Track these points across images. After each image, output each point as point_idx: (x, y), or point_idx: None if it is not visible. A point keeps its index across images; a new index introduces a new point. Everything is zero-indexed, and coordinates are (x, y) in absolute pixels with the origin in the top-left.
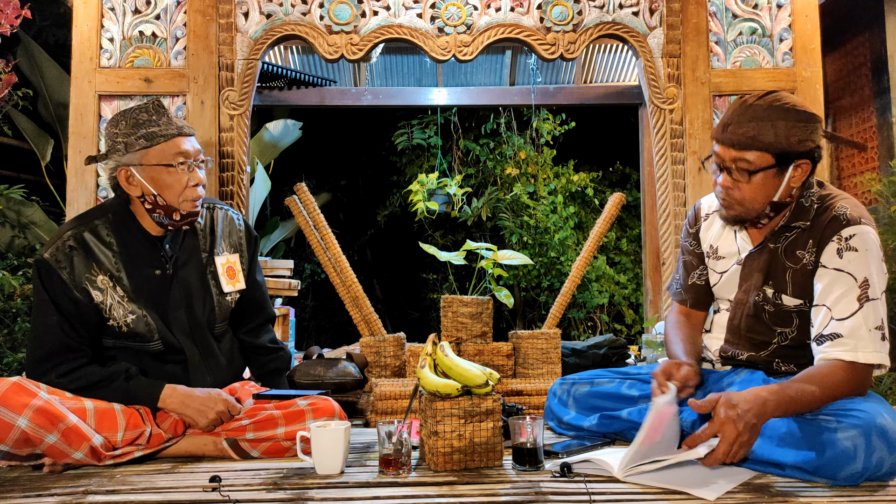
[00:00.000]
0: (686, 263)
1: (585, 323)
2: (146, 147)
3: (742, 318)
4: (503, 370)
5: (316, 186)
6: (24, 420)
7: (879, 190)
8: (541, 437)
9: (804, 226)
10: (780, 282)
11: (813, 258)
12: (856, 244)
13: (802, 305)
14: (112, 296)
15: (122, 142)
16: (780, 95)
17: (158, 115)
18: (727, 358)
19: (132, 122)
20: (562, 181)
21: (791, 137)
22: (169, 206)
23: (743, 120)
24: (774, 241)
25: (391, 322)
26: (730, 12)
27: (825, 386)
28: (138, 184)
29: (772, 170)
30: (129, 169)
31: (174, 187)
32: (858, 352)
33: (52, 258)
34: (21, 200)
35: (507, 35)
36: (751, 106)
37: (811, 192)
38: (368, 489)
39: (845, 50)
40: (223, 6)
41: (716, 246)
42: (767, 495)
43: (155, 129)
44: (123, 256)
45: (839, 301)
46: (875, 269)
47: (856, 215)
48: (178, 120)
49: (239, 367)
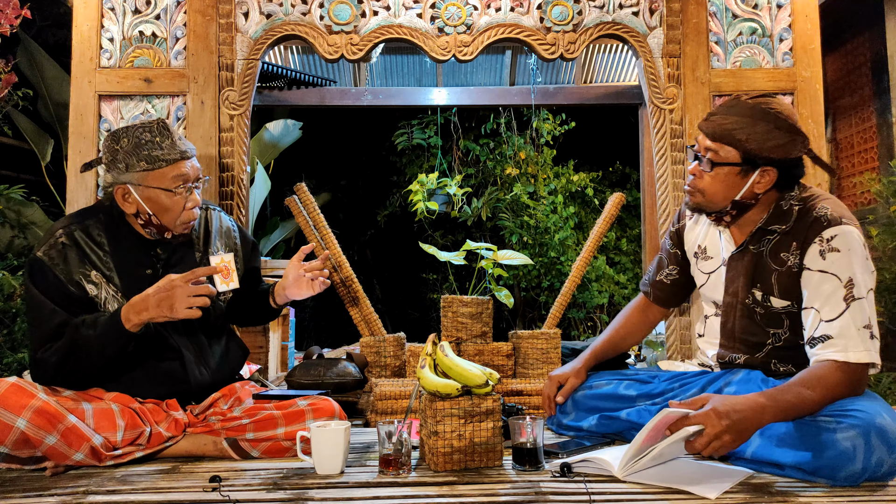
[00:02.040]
0: (660, 260)
1: (585, 323)
2: (147, 170)
3: (734, 320)
4: (503, 370)
5: (316, 186)
6: (23, 421)
7: (879, 190)
8: (541, 437)
9: (783, 229)
10: (768, 284)
11: (797, 260)
12: (837, 245)
13: (791, 307)
14: (106, 290)
15: (122, 160)
16: (771, 100)
17: (162, 137)
18: (725, 363)
19: (134, 141)
20: (562, 181)
21: (765, 142)
22: (163, 226)
23: (727, 113)
24: (755, 243)
25: (391, 322)
26: (730, 12)
27: (822, 388)
28: (134, 202)
29: (736, 168)
30: (128, 187)
31: (172, 210)
32: (850, 352)
33: (46, 256)
34: (21, 200)
35: (507, 35)
36: (740, 102)
37: (791, 196)
38: (368, 489)
39: (845, 50)
40: (223, 6)
41: (703, 245)
42: (767, 495)
43: (158, 152)
44: (114, 256)
45: (826, 303)
46: (858, 268)
47: (836, 215)
48: (182, 142)
49: (236, 365)
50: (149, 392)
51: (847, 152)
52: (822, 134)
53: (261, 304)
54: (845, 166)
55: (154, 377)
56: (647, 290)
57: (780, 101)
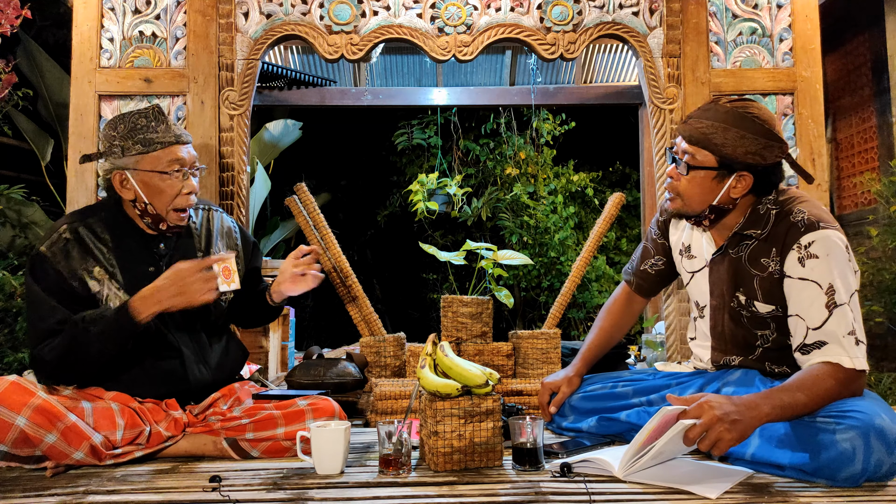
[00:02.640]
0: (644, 249)
1: (585, 323)
2: (142, 153)
3: (723, 323)
4: (503, 370)
5: (316, 186)
6: (23, 419)
7: (879, 190)
8: (541, 437)
9: (759, 234)
10: (750, 289)
11: (778, 266)
12: (816, 251)
13: (775, 311)
14: (108, 286)
15: (118, 145)
16: (750, 104)
17: (157, 122)
18: (721, 366)
19: (130, 126)
20: (562, 181)
21: (739, 147)
22: (158, 215)
23: (703, 116)
24: (733, 247)
25: (391, 322)
26: (730, 12)
27: (816, 391)
28: (132, 188)
29: (711, 172)
30: (125, 172)
31: (166, 193)
32: (843, 357)
33: (49, 251)
34: (21, 200)
35: (507, 35)
36: (716, 106)
37: (768, 200)
38: (368, 489)
39: (845, 50)
40: (223, 6)
41: (688, 244)
42: (767, 495)
43: (153, 135)
44: (117, 252)
45: (809, 310)
46: (838, 272)
47: (814, 220)
48: (177, 127)
49: (236, 365)
50: (148, 391)
51: (847, 152)
52: (822, 134)
53: (260, 303)
54: (845, 166)
55: (154, 376)
56: (630, 279)
57: (759, 106)
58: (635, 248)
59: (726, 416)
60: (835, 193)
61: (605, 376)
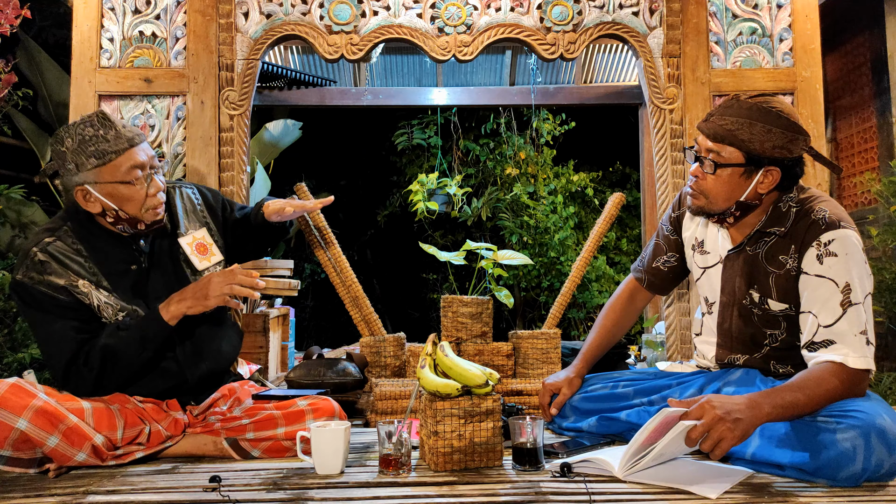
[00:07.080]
0: (656, 246)
1: (585, 323)
2: (98, 166)
3: (731, 320)
4: (503, 370)
5: (316, 186)
6: (24, 421)
7: (879, 190)
8: (541, 437)
9: (781, 231)
10: (765, 286)
11: (795, 263)
12: (835, 249)
13: (788, 310)
14: (97, 296)
15: (71, 161)
16: (771, 99)
17: (105, 129)
18: (725, 364)
19: (78, 139)
20: (562, 181)
21: (766, 142)
22: (132, 217)
23: (726, 113)
24: (752, 245)
25: (391, 322)
26: (730, 12)
27: (819, 390)
28: (97, 200)
29: (739, 168)
30: (86, 187)
31: (135, 199)
32: (849, 357)
33: (26, 277)
34: (21, 200)
35: (507, 35)
36: (738, 102)
37: (790, 197)
38: (368, 489)
39: (845, 50)
40: (223, 6)
41: (701, 239)
42: (767, 495)
43: (105, 145)
44: (95, 260)
45: (823, 308)
46: (856, 272)
47: (835, 218)
48: (127, 129)
49: (230, 356)
50: (146, 388)
51: (847, 152)
52: (822, 134)
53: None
54: (845, 166)
55: (156, 375)
56: (641, 275)
57: (780, 100)
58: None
59: (728, 416)
60: (835, 193)
61: (605, 376)
